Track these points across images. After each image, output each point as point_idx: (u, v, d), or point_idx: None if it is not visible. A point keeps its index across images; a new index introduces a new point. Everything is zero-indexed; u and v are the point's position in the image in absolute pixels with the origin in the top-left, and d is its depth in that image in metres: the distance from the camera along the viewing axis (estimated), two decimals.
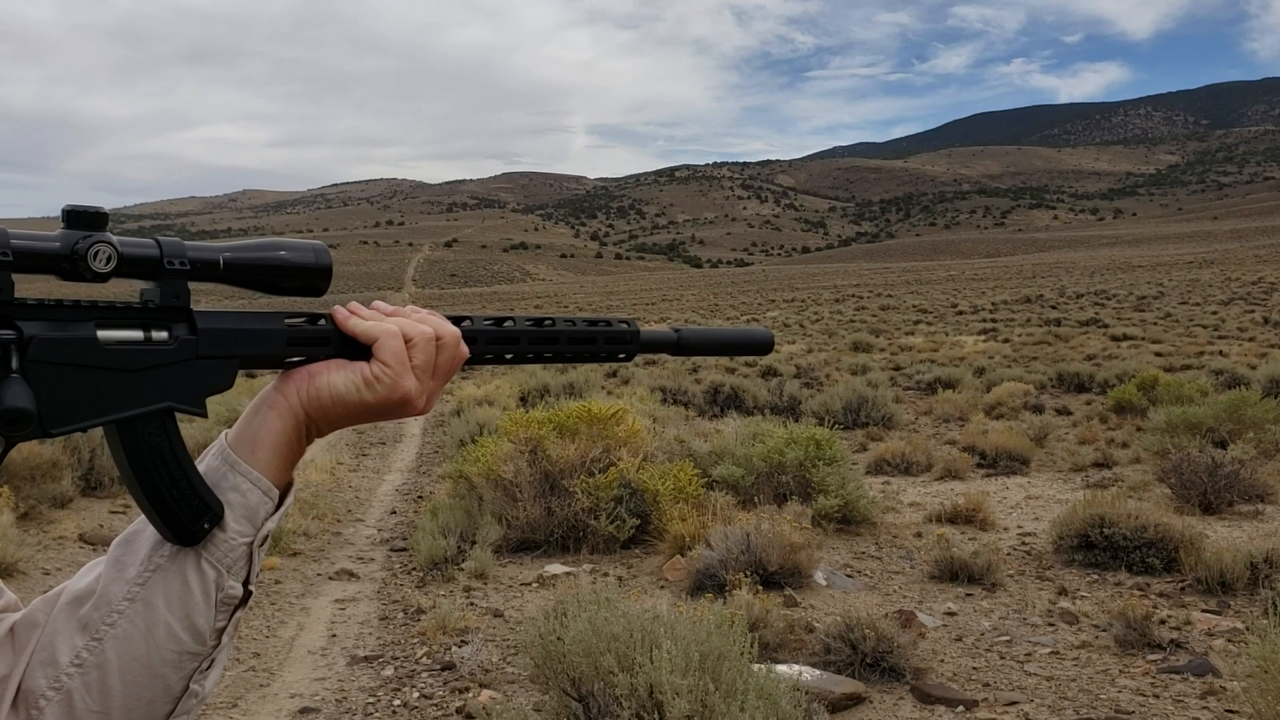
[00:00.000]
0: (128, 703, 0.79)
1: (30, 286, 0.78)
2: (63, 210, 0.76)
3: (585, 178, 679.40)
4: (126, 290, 0.84)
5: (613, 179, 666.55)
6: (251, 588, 0.85)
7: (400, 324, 0.88)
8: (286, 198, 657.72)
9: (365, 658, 5.32)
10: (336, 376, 0.86)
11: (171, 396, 0.80)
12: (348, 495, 10.21)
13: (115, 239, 0.77)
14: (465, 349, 0.92)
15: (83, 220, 0.76)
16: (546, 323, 1.01)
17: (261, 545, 0.85)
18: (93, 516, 8.14)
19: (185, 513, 0.80)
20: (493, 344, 0.97)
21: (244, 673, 5.15)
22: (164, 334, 0.80)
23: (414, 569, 7.03)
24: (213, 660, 0.83)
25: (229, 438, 0.86)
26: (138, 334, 0.79)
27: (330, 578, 7.00)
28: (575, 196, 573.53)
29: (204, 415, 0.82)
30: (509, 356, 0.99)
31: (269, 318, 0.86)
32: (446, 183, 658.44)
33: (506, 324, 0.99)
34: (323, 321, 0.88)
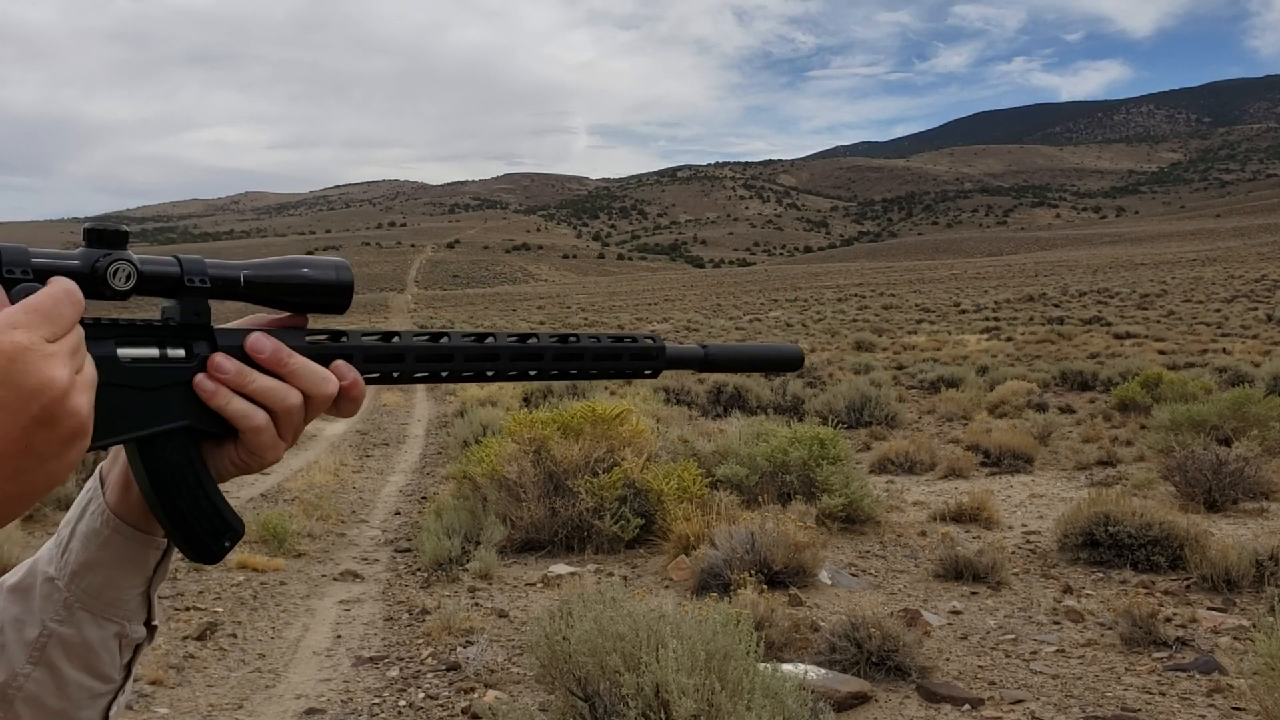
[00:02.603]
0: None
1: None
2: (84, 229, 0.76)
3: (587, 178, 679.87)
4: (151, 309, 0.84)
5: (615, 179, 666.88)
6: (155, 623, 0.84)
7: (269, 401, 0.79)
8: (289, 200, 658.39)
9: (370, 659, 5.33)
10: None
11: (192, 415, 0.80)
12: (352, 496, 10.22)
13: (135, 257, 0.77)
14: (352, 388, 0.84)
15: (103, 239, 0.76)
16: (571, 339, 0.97)
17: (156, 588, 0.83)
18: None
19: (207, 531, 0.79)
20: (517, 361, 0.93)
21: (250, 674, 5.16)
22: (181, 352, 0.80)
23: (419, 570, 7.03)
24: (123, 689, 0.83)
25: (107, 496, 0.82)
26: (155, 352, 0.79)
27: (335, 579, 7.00)
28: (577, 197, 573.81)
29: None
30: (533, 374, 0.95)
31: (290, 334, 0.86)
32: (448, 184, 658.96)
33: (530, 341, 0.94)
34: (345, 339, 0.88)
